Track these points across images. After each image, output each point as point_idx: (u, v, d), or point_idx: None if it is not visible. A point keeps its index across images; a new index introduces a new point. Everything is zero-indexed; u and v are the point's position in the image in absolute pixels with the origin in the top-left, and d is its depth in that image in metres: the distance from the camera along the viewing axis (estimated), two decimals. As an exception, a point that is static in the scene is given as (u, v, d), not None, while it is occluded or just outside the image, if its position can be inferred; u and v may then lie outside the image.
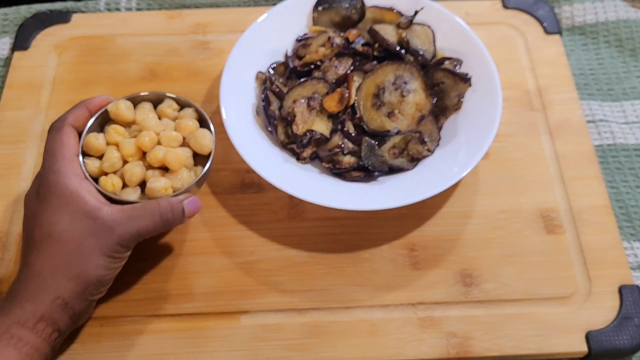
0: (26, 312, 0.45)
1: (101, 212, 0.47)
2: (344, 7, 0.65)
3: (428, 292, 0.55)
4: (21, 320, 0.44)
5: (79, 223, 0.46)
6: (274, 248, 0.57)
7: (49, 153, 0.49)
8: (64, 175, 0.47)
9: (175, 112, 0.55)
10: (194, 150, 0.53)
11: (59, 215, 0.46)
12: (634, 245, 0.58)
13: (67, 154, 0.49)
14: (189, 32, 0.71)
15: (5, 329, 0.44)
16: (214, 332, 0.53)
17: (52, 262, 0.46)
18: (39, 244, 0.46)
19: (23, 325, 0.44)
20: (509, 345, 0.52)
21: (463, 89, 0.60)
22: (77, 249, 0.46)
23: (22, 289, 0.46)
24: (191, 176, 0.52)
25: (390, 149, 0.58)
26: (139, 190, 0.52)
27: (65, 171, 0.48)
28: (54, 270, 0.46)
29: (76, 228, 0.46)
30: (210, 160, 0.53)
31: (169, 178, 0.51)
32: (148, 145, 0.51)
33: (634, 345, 0.52)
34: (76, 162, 0.49)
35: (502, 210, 0.59)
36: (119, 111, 0.53)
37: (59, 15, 0.72)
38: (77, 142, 0.51)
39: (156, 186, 0.50)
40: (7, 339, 0.43)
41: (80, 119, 0.52)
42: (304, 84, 0.60)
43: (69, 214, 0.46)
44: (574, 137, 0.63)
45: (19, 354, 0.43)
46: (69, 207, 0.46)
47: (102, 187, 0.50)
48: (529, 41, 0.70)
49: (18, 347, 0.43)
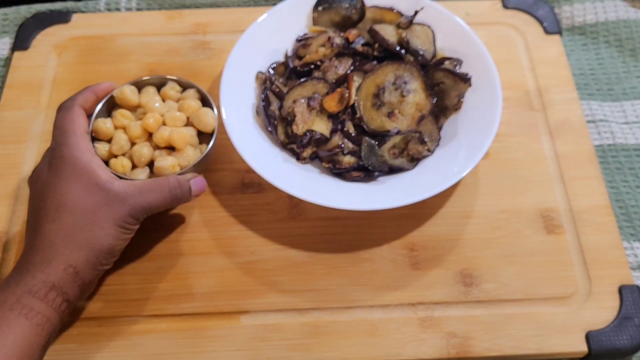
0: (37, 281, 0.45)
1: (113, 185, 0.48)
2: (344, 7, 0.65)
3: (428, 292, 0.55)
4: (33, 289, 0.44)
5: (92, 194, 0.48)
6: (274, 248, 0.57)
7: (60, 129, 0.51)
8: (76, 149, 0.49)
9: (178, 94, 0.59)
10: (197, 128, 0.56)
11: (72, 185, 0.48)
12: (634, 245, 0.58)
13: (78, 130, 0.51)
14: (189, 32, 0.71)
15: (16, 299, 0.44)
16: (214, 332, 0.53)
17: (65, 230, 0.47)
18: (52, 213, 0.47)
19: (34, 295, 0.44)
20: (509, 345, 0.52)
21: (463, 89, 0.60)
22: (90, 219, 0.47)
23: (34, 258, 0.46)
24: (197, 154, 0.55)
25: (390, 149, 0.58)
26: (148, 170, 0.55)
27: (78, 146, 0.50)
28: (66, 239, 0.46)
29: (89, 198, 0.48)
30: (214, 138, 0.55)
31: (176, 156, 0.54)
32: (154, 127, 0.55)
33: (634, 345, 0.52)
34: (87, 139, 0.51)
35: (502, 210, 0.59)
36: (125, 96, 0.57)
37: (59, 15, 0.72)
38: (86, 120, 0.53)
39: (164, 164, 0.53)
40: (19, 309, 0.43)
41: (89, 101, 0.54)
42: (304, 84, 0.60)
43: (82, 185, 0.48)
44: (574, 137, 0.63)
45: (30, 324, 0.43)
46: (82, 178, 0.48)
47: (113, 169, 0.53)
48: (529, 41, 0.70)
49: (29, 317, 0.43)
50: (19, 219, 0.58)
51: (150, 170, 0.55)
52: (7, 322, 0.43)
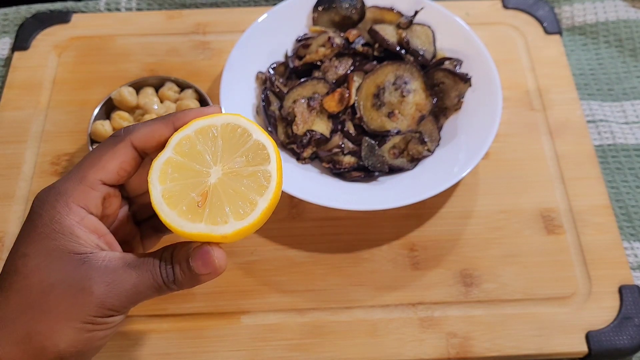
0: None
1: (95, 257, 0.34)
2: (344, 7, 0.64)
3: (428, 292, 0.55)
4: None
5: (58, 265, 0.34)
6: (274, 248, 0.57)
7: (78, 164, 0.37)
8: (68, 201, 0.35)
9: (176, 94, 0.60)
10: None
11: (37, 246, 0.34)
12: (634, 245, 0.58)
13: (93, 177, 0.36)
14: (189, 32, 0.71)
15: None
16: (214, 332, 0.53)
17: (6, 309, 0.34)
18: (1, 280, 0.34)
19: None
20: (509, 346, 0.52)
21: (463, 89, 0.60)
22: (43, 300, 0.33)
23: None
24: None
25: (390, 149, 0.58)
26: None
27: (74, 197, 0.35)
28: (3, 323, 0.33)
29: (52, 271, 0.34)
30: None
31: None
32: None
33: (634, 345, 0.52)
34: (97, 193, 0.36)
35: (502, 210, 0.59)
36: (122, 97, 0.57)
37: (59, 15, 0.72)
38: (121, 168, 0.37)
39: None
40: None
41: (154, 138, 0.37)
42: (304, 84, 0.60)
43: (45, 251, 0.34)
44: (574, 137, 0.63)
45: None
46: (54, 241, 0.34)
47: None
48: (529, 41, 0.70)
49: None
50: (18, 219, 0.58)
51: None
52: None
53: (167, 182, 0.35)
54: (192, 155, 0.36)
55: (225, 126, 0.36)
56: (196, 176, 0.35)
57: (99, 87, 0.66)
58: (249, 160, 0.36)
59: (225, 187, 0.35)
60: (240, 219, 0.34)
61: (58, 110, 0.65)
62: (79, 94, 0.66)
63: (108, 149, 0.36)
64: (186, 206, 0.34)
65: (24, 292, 0.33)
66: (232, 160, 0.36)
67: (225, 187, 0.35)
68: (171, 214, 0.34)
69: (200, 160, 0.35)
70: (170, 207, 0.34)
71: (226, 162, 0.36)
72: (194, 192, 0.35)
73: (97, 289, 0.33)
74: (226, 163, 0.36)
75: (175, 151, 0.36)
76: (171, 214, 0.34)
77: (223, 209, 0.34)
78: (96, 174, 0.36)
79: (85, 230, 0.35)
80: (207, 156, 0.36)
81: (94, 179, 0.36)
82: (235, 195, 0.35)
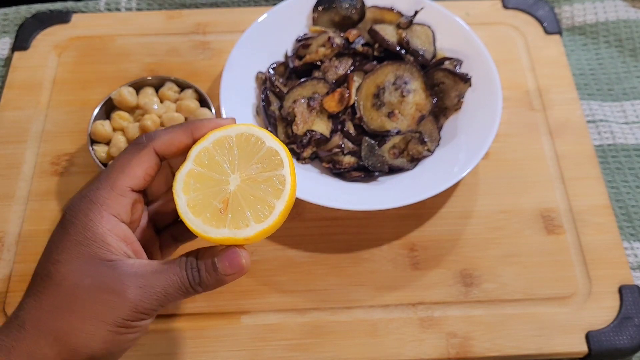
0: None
1: (123, 263, 0.36)
2: (344, 7, 0.65)
3: (428, 292, 0.55)
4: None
5: (91, 271, 0.35)
6: (274, 248, 0.57)
7: (106, 171, 0.38)
8: (101, 210, 0.37)
9: (176, 94, 0.60)
10: None
11: (68, 253, 0.36)
12: (634, 245, 0.58)
13: (122, 185, 0.38)
14: (189, 32, 0.71)
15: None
16: (214, 332, 0.53)
17: (40, 312, 0.35)
18: (34, 284, 0.36)
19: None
20: (509, 346, 0.52)
21: (463, 89, 0.60)
22: (78, 303, 0.35)
23: (2, 334, 0.35)
24: None
25: (390, 149, 0.58)
26: None
27: (106, 205, 0.37)
28: (39, 324, 0.35)
29: (86, 276, 0.35)
30: None
31: None
32: (151, 128, 0.55)
33: (634, 345, 0.52)
34: (126, 200, 0.38)
35: (502, 210, 0.59)
36: (122, 97, 0.57)
37: (59, 15, 0.72)
38: (146, 173, 0.39)
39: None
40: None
41: (174, 145, 0.39)
42: (304, 84, 0.60)
43: (78, 257, 0.36)
44: (574, 137, 0.63)
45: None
46: (84, 248, 0.36)
47: None
48: (529, 41, 0.70)
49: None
50: (18, 219, 0.58)
51: None
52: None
53: (191, 192, 0.37)
54: (211, 165, 0.38)
55: (239, 136, 0.39)
56: (217, 185, 0.38)
57: (99, 87, 0.66)
58: (264, 166, 0.38)
59: (244, 193, 0.38)
60: (260, 222, 0.37)
61: (58, 110, 0.65)
62: (79, 94, 0.66)
63: (133, 155, 0.38)
64: (210, 213, 0.37)
65: (58, 295, 0.35)
66: (248, 168, 0.38)
67: (244, 193, 0.38)
68: (197, 222, 0.37)
69: (219, 170, 0.38)
70: (195, 215, 0.37)
71: (243, 169, 0.38)
72: (215, 200, 0.37)
73: (131, 293, 0.35)
74: (243, 170, 0.38)
75: (196, 163, 0.38)
76: (197, 221, 0.37)
77: (244, 214, 0.37)
78: (125, 181, 0.38)
79: (116, 238, 0.37)
80: (225, 165, 0.38)
81: (124, 186, 0.38)
82: (254, 200, 0.37)
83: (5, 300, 0.54)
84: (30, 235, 0.57)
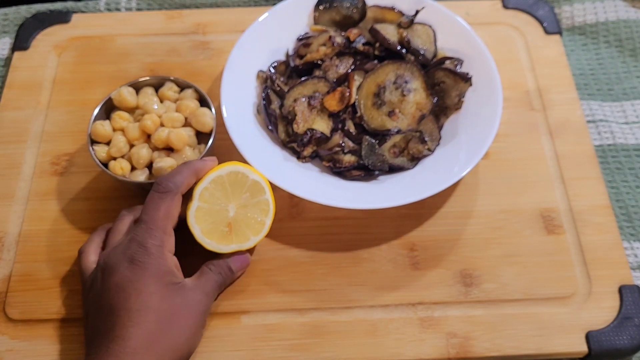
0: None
1: (185, 284, 0.48)
2: (345, 6, 0.65)
3: (428, 292, 0.55)
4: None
5: (171, 295, 0.46)
6: (274, 248, 0.57)
7: (154, 220, 0.48)
8: (164, 251, 0.48)
9: (176, 94, 0.60)
10: (196, 129, 0.57)
11: (155, 286, 0.46)
12: (634, 245, 0.58)
13: (170, 227, 0.49)
14: (189, 32, 0.71)
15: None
16: (214, 332, 0.52)
17: (148, 336, 0.44)
18: (135, 316, 0.44)
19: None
20: (509, 346, 0.52)
21: (464, 89, 0.60)
22: (174, 322, 0.46)
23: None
24: (195, 154, 0.56)
25: (390, 148, 0.58)
26: (147, 171, 0.55)
27: (166, 246, 0.48)
28: (150, 346, 0.44)
29: (168, 300, 0.46)
30: (212, 138, 0.56)
31: (174, 157, 0.55)
32: (151, 128, 0.55)
33: (634, 345, 0.52)
34: (173, 238, 0.49)
35: (502, 210, 0.59)
36: (122, 98, 0.57)
37: (59, 15, 0.72)
38: (179, 213, 0.50)
39: (162, 166, 0.54)
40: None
41: (189, 186, 0.51)
42: (304, 82, 0.60)
43: (163, 286, 0.46)
44: (574, 137, 0.63)
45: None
46: (164, 279, 0.46)
47: (112, 171, 0.54)
48: (529, 41, 0.70)
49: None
50: (18, 219, 0.58)
51: (150, 172, 0.55)
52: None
53: (202, 223, 0.50)
54: (212, 200, 0.50)
55: (229, 174, 0.51)
56: (220, 214, 0.50)
57: (99, 87, 0.66)
58: (252, 194, 0.51)
59: (241, 216, 0.51)
60: (257, 235, 0.52)
61: (58, 110, 0.65)
62: (79, 94, 0.66)
63: (172, 201, 0.49)
64: (219, 236, 0.50)
65: (160, 319, 0.45)
66: (240, 197, 0.51)
67: (241, 217, 0.51)
68: (211, 243, 0.50)
69: (219, 202, 0.50)
70: (209, 238, 0.50)
71: (237, 199, 0.51)
72: (221, 225, 0.50)
73: (205, 301, 0.49)
74: (237, 200, 0.51)
75: (201, 200, 0.50)
76: (211, 243, 0.50)
77: (245, 231, 0.51)
78: (171, 224, 0.49)
79: (174, 267, 0.48)
80: (223, 198, 0.51)
81: (171, 228, 0.49)
82: (249, 220, 0.51)
83: (5, 300, 0.54)
84: (30, 235, 0.57)
